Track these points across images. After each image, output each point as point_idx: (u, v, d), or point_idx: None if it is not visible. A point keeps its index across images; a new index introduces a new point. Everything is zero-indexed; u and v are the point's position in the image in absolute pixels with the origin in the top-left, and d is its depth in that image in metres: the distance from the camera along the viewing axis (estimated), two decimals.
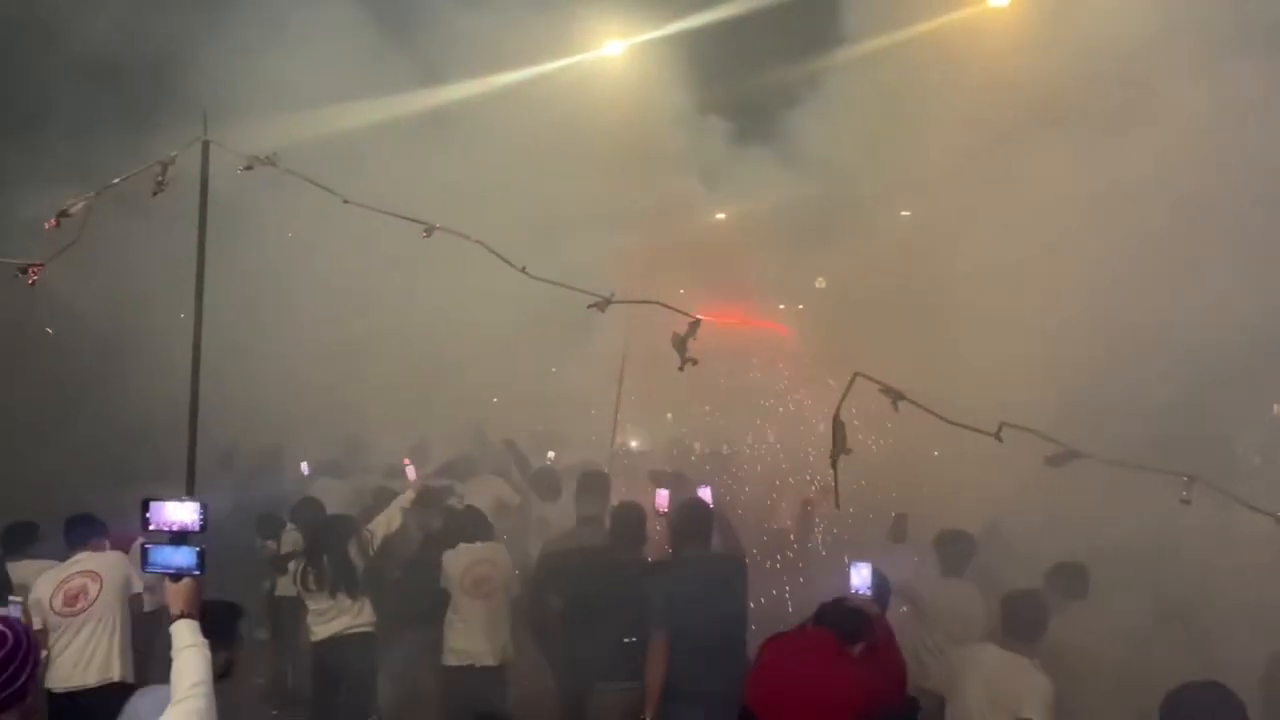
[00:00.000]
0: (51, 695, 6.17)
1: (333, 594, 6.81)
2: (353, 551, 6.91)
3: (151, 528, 3.53)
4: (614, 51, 11.16)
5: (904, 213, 11.99)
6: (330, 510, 7.78)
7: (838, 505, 4.49)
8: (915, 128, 9.69)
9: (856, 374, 3.96)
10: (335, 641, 6.85)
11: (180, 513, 3.51)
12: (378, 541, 7.10)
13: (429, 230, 4.64)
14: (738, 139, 11.30)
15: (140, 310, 9.77)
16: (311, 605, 6.90)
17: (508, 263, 4.53)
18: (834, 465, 3.99)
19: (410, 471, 8.02)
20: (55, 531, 7.09)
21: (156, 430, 9.55)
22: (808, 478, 9.50)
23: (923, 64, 9.63)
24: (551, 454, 9.45)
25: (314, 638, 6.97)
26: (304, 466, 10.04)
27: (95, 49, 9.13)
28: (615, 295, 4.33)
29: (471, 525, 7.30)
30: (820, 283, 13.61)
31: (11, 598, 5.82)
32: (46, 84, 9.56)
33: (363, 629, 6.90)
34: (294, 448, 10.67)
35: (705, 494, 6.42)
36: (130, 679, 6.33)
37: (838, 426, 4.03)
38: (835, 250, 10.63)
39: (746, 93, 11.76)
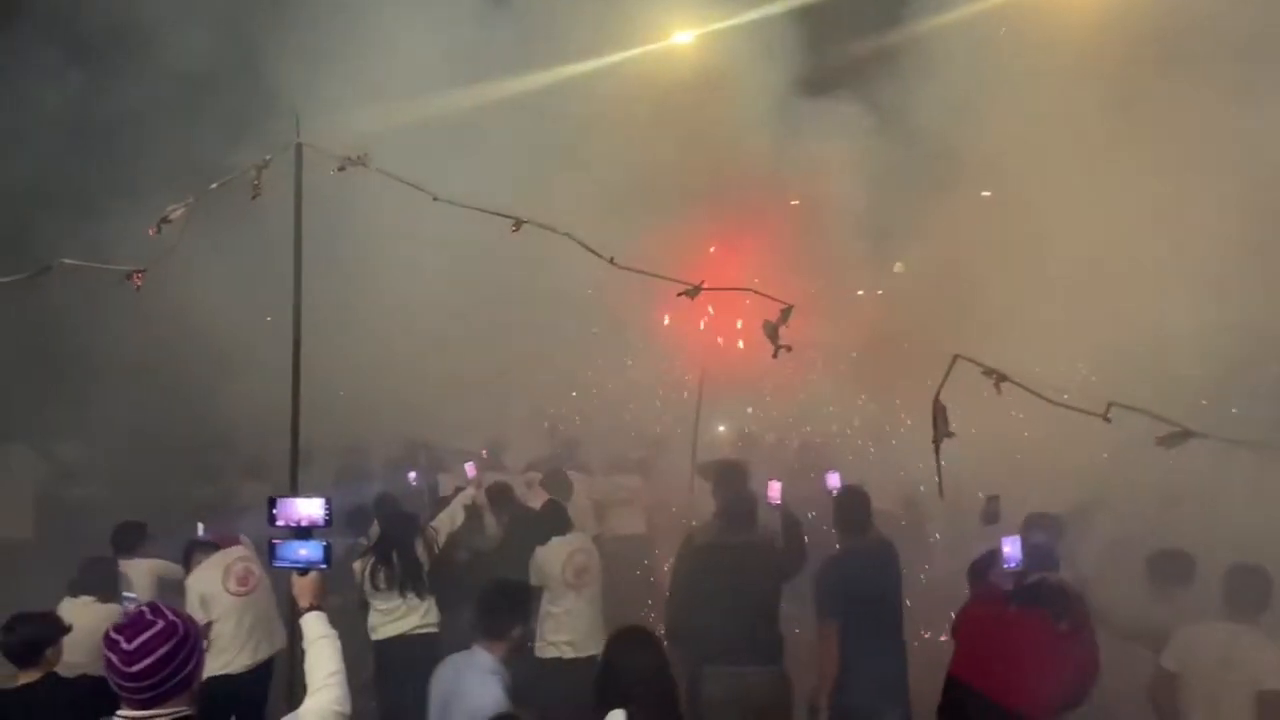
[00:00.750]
0: (228, 678, 6.49)
1: (402, 593, 6.80)
2: (419, 550, 6.92)
3: (279, 524, 3.65)
4: (685, 39, 11.10)
5: (984, 193, 11.73)
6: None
7: (941, 493, 4.47)
8: (1011, 99, 9.41)
9: (957, 356, 3.88)
10: (402, 641, 6.82)
11: (307, 508, 3.64)
12: (442, 539, 7.11)
13: (517, 224, 4.63)
14: (818, 117, 11.12)
15: (218, 312, 10.04)
16: (380, 605, 6.86)
17: (595, 254, 4.51)
18: (936, 450, 3.92)
19: (470, 469, 7.99)
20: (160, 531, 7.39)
21: (237, 432, 9.80)
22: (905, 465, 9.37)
23: (1016, 29, 9.37)
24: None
25: (377, 636, 6.90)
26: (412, 476, 9.84)
27: (186, 56, 9.39)
28: (705, 284, 4.30)
29: (558, 519, 7.35)
30: (899, 267, 13.38)
31: (126, 594, 6.01)
32: (142, 93, 9.83)
33: (429, 629, 6.90)
34: (377, 445, 10.84)
35: (834, 480, 6.83)
36: None
37: (938, 410, 3.95)
38: (923, 229, 10.42)
39: (828, 69, 11.51)
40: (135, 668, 2.72)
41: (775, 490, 6.54)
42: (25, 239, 7.99)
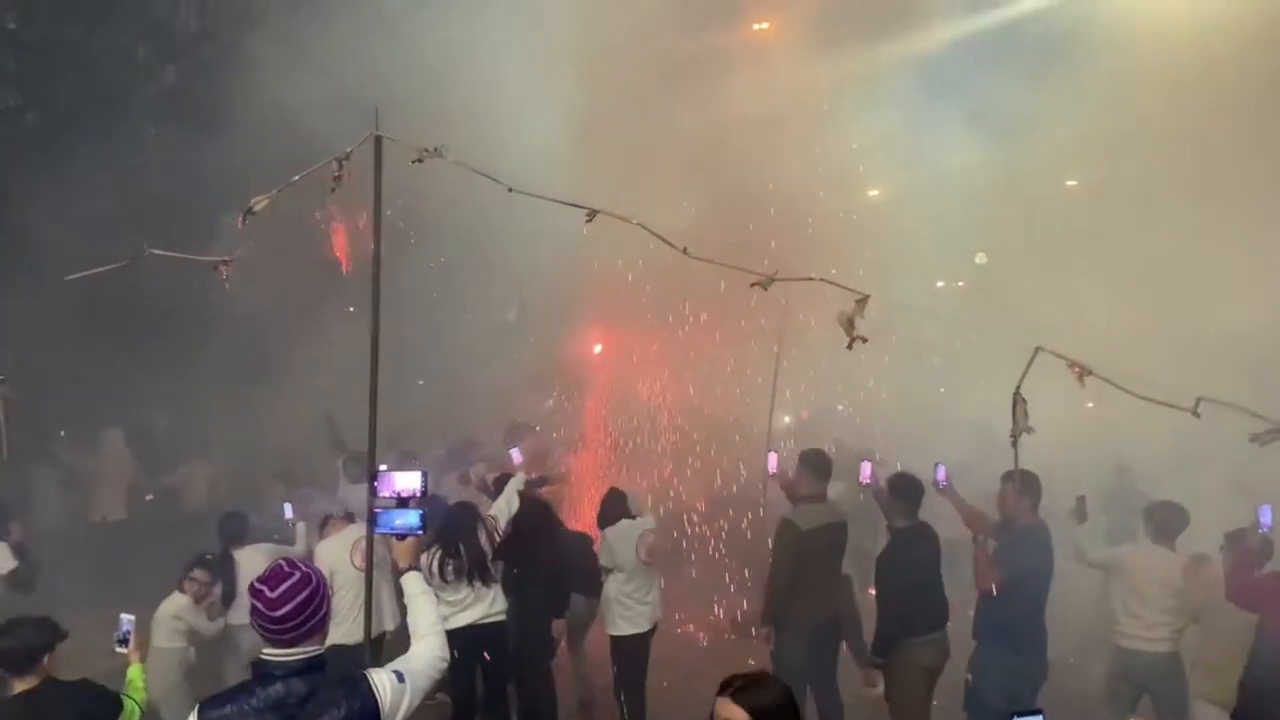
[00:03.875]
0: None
1: (470, 583, 6.80)
2: (481, 539, 6.91)
3: (382, 494, 4.12)
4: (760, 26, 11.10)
5: (1070, 182, 11.46)
6: None
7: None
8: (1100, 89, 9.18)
9: (1039, 348, 3.79)
10: (472, 630, 6.82)
11: (406, 481, 4.07)
12: (502, 526, 7.09)
13: (591, 214, 4.63)
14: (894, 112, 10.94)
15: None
16: (449, 596, 6.78)
17: (668, 243, 4.51)
18: (1014, 444, 3.83)
19: (516, 455, 8.02)
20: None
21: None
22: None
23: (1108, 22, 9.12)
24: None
25: (447, 627, 6.78)
26: None
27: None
28: (779, 274, 4.26)
29: (624, 503, 7.53)
30: (980, 258, 13.16)
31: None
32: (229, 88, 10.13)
33: (497, 618, 6.94)
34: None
35: (866, 470, 7.07)
36: None
37: (1017, 403, 3.87)
38: (1003, 221, 10.20)
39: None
40: (279, 612, 3.21)
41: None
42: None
